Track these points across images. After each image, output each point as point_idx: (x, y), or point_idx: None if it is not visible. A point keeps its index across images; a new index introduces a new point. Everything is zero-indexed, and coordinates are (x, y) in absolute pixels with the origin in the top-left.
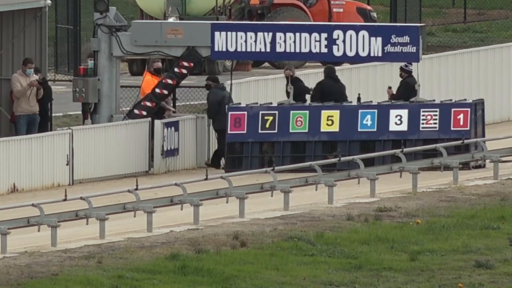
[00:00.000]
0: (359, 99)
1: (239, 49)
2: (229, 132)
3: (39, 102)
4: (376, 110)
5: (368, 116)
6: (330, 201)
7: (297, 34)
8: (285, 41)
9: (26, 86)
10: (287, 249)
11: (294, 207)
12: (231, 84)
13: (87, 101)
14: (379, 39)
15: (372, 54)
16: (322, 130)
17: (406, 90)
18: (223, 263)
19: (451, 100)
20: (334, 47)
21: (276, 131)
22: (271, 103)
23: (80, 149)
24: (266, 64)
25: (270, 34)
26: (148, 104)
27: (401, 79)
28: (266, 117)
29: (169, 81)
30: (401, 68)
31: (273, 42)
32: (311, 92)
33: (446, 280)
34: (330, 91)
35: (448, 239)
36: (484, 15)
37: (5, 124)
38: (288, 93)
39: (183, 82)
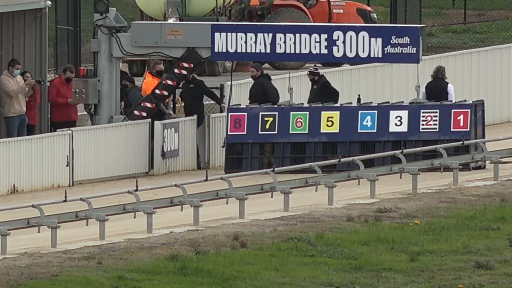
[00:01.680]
0: (359, 100)
1: (239, 50)
2: (229, 133)
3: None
4: (376, 111)
5: (368, 117)
6: (330, 202)
7: (297, 35)
8: (285, 42)
9: (23, 85)
10: (287, 250)
11: (294, 208)
12: (231, 85)
13: (87, 102)
14: (379, 40)
15: (372, 55)
16: (322, 131)
17: (328, 91)
18: (223, 264)
19: (451, 101)
20: (334, 48)
21: (276, 132)
22: (271, 104)
23: (80, 150)
24: (266, 65)
25: (270, 35)
26: (148, 105)
27: (312, 82)
28: (266, 118)
29: (169, 82)
30: (311, 73)
31: (273, 43)
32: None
33: (446, 280)
34: (270, 91)
35: (448, 239)
36: (484, 16)
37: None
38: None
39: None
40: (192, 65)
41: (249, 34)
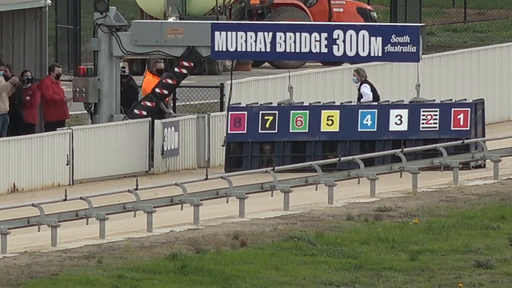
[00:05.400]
0: (359, 99)
1: (239, 49)
2: (229, 132)
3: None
4: (376, 110)
5: (368, 116)
6: (330, 201)
7: (297, 34)
8: (285, 41)
9: (8, 83)
10: (287, 249)
11: (294, 207)
12: (231, 84)
13: (87, 101)
14: (379, 39)
15: (372, 54)
16: (322, 130)
17: (133, 93)
18: (223, 263)
19: (451, 100)
20: (334, 47)
21: (276, 131)
22: (271, 103)
23: (80, 149)
24: (266, 64)
25: (270, 34)
26: (148, 104)
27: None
28: (266, 117)
29: (169, 81)
30: (121, 76)
31: (273, 42)
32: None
33: (446, 280)
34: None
35: (448, 239)
36: (484, 14)
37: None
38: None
39: (183, 82)
40: (192, 64)
41: (249, 33)
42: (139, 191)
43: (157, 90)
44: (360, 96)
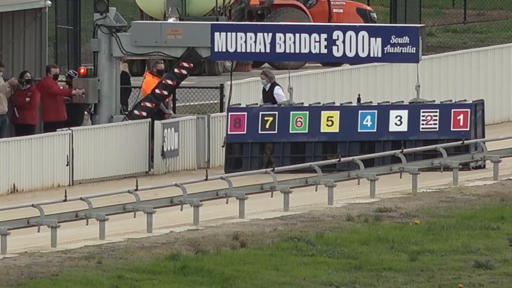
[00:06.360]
0: (359, 99)
1: (239, 50)
2: (229, 132)
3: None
4: (376, 111)
5: (368, 117)
6: (330, 201)
7: (297, 35)
8: (285, 42)
9: (6, 83)
10: (287, 249)
11: (294, 208)
12: (231, 85)
13: (87, 101)
14: (379, 39)
15: (371, 55)
16: (322, 130)
17: None
18: (223, 263)
19: (451, 100)
20: (334, 48)
21: (276, 132)
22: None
23: (80, 149)
24: (266, 64)
25: (270, 34)
26: (148, 104)
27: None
28: (266, 118)
29: (169, 82)
30: (69, 76)
31: (273, 42)
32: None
33: (446, 280)
34: None
35: (448, 239)
36: (484, 15)
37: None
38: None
39: (183, 82)
40: (192, 64)
41: (249, 33)
42: (139, 191)
43: (157, 91)
44: (273, 98)
